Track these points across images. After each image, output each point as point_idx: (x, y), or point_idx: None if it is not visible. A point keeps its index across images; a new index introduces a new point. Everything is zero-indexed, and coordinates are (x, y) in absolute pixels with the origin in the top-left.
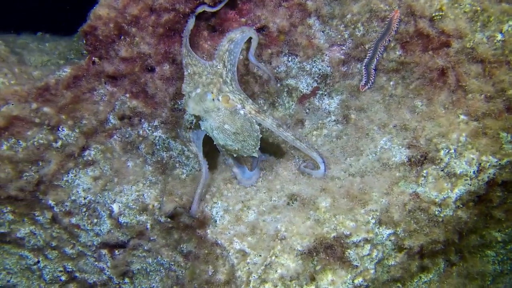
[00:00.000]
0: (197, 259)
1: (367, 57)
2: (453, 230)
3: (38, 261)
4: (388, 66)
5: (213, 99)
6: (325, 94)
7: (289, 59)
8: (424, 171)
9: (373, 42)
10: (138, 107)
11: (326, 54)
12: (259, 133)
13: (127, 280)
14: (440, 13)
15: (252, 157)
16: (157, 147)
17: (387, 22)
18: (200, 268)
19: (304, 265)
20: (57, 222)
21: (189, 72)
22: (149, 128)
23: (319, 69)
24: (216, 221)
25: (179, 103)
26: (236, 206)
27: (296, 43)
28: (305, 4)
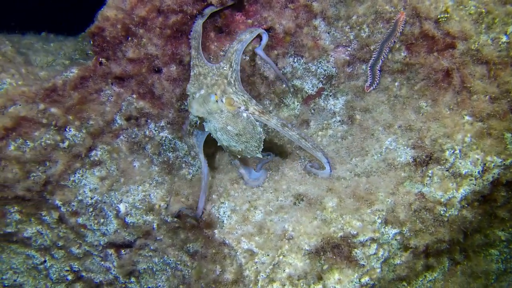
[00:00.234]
0: (204, 259)
1: (372, 58)
2: (458, 230)
3: (45, 261)
4: (393, 67)
5: (217, 101)
6: (330, 95)
7: (295, 60)
8: (430, 171)
9: (378, 44)
10: (145, 108)
11: (332, 55)
12: (262, 135)
13: (133, 280)
14: (445, 15)
15: (258, 158)
16: (164, 148)
17: (393, 24)
18: (208, 268)
19: (312, 265)
20: (64, 222)
21: (195, 73)
22: (156, 129)
23: (325, 70)
24: (224, 221)
25: (186, 104)
26: (243, 206)
27: (302, 44)
28: (311, 6)
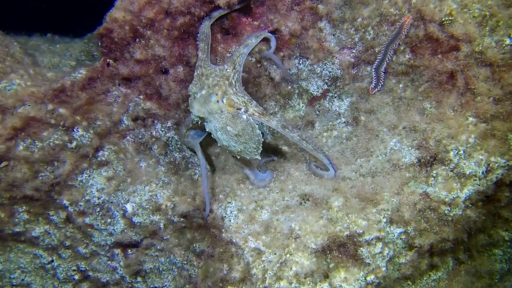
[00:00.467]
0: (211, 258)
1: (377, 60)
2: (462, 229)
3: (52, 260)
4: (398, 69)
5: (217, 101)
6: (335, 96)
7: (300, 62)
8: (434, 172)
9: (383, 46)
10: (152, 109)
11: (337, 57)
12: (261, 138)
13: (140, 279)
14: (450, 18)
15: (256, 159)
16: (170, 148)
17: (398, 27)
18: (214, 267)
19: (318, 263)
20: (71, 222)
21: (198, 73)
22: (162, 129)
23: (330, 72)
24: (231, 220)
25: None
26: (250, 206)
27: (307, 46)
28: (317, 8)
